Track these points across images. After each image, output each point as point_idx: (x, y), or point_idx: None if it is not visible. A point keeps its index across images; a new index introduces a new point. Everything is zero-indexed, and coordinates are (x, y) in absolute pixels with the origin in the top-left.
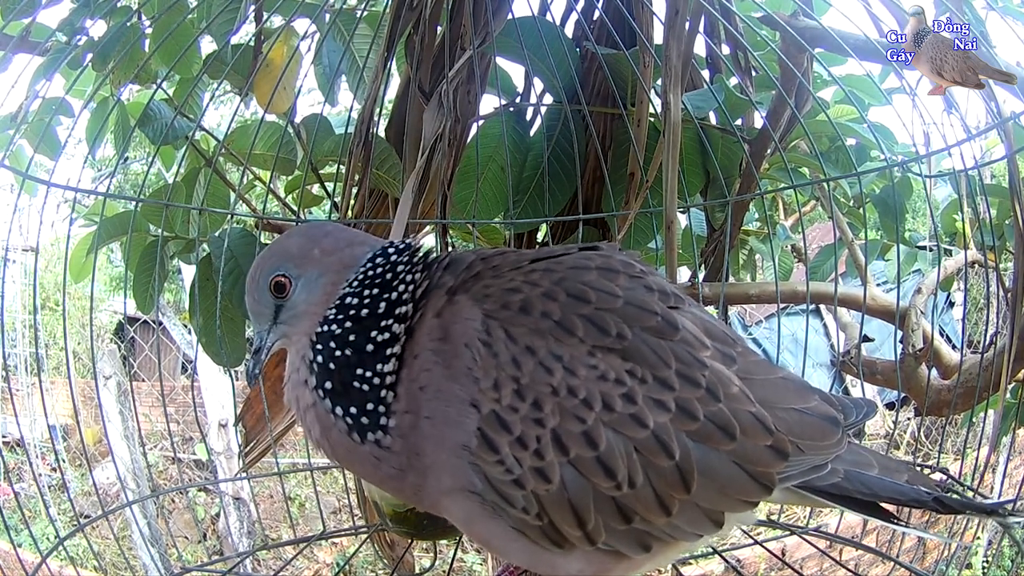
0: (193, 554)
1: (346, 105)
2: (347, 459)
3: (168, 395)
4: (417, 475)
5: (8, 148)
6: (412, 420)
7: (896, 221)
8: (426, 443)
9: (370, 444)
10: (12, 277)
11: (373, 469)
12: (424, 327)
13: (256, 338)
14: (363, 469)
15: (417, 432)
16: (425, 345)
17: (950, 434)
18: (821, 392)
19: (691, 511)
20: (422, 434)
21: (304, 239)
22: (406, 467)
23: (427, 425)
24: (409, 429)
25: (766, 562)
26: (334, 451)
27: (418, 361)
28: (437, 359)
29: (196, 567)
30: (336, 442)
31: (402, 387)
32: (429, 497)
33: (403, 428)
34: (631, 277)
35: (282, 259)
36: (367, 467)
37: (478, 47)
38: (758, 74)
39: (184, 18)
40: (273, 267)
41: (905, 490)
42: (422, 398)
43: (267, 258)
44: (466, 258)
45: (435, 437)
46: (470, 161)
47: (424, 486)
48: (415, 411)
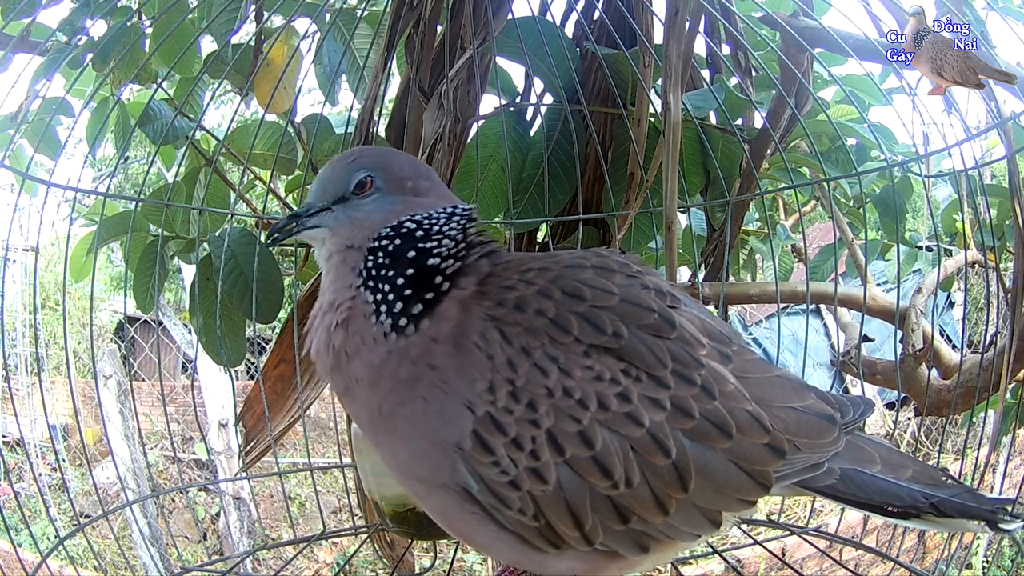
0: (193, 554)
1: (346, 105)
2: (354, 346)
3: (168, 395)
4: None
5: (8, 148)
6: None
7: (896, 221)
8: (409, 415)
9: (398, 336)
10: (12, 277)
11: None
12: (453, 307)
13: (305, 208)
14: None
15: (410, 394)
16: (448, 329)
17: (950, 434)
18: (817, 390)
19: (688, 510)
20: (412, 408)
21: (410, 166)
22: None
23: (420, 405)
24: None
25: (766, 562)
26: (346, 338)
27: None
28: (453, 351)
29: (196, 567)
30: (355, 329)
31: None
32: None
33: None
34: (627, 276)
35: (382, 166)
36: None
37: (478, 47)
38: (758, 74)
39: (184, 18)
40: (371, 165)
41: (901, 494)
42: (427, 374)
43: (372, 155)
44: (503, 255)
45: (422, 422)
46: (470, 161)
47: (386, 442)
48: (418, 375)
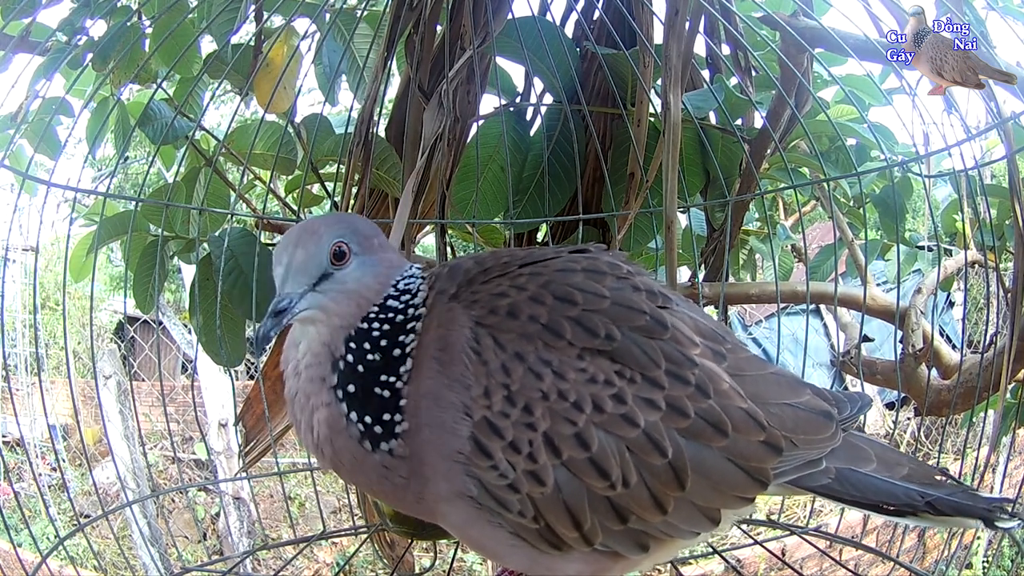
0: (193, 554)
1: (346, 105)
2: (351, 468)
3: (168, 395)
4: (419, 482)
5: (8, 148)
6: (416, 426)
7: (896, 221)
8: (427, 450)
9: (382, 454)
10: (12, 277)
11: (379, 479)
12: (429, 336)
13: (283, 298)
14: (366, 479)
15: (419, 439)
16: (430, 353)
17: (950, 434)
18: (813, 387)
19: (687, 509)
20: (423, 441)
21: (367, 225)
22: (411, 475)
23: (427, 432)
24: (414, 436)
25: (766, 562)
26: (337, 457)
27: (422, 370)
28: (438, 368)
29: (196, 567)
30: (342, 448)
31: (410, 396)
32: (428, 504)
33: (410, 436)
34: (618, 278)
35: (350, 229)
36: (372, 477)
37: (478, 47)
38: (758, 74)
39: (184, 18)
40: (341, 232)
41: (897, 493)
42: (423, 405)
43: (336, 221)
44: (463, 264)
45: (434, 443)
46: (470, 161)
47: (424, 493)
48: (418, 418)
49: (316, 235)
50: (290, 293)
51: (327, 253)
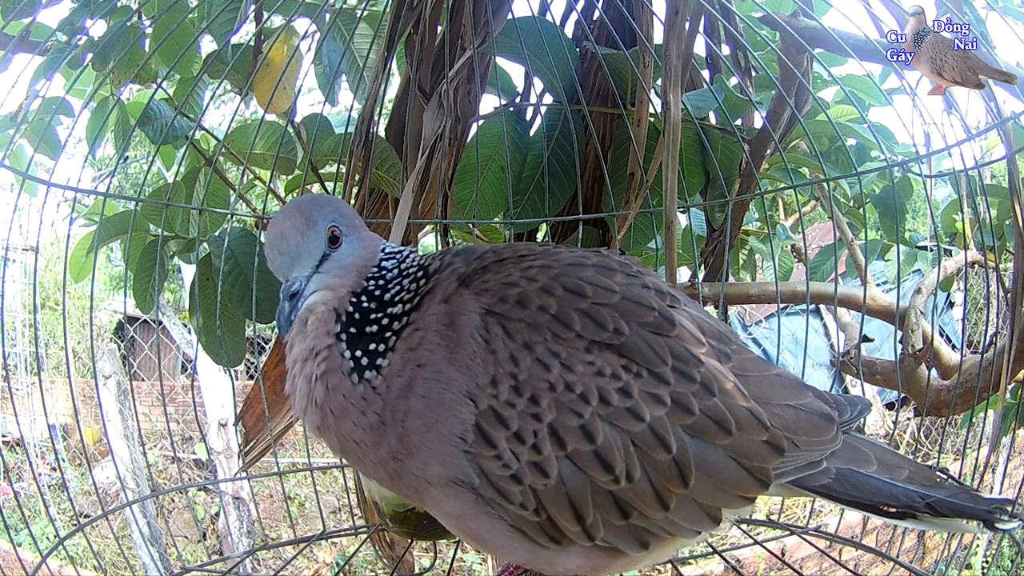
0: (193, 554)
1: (346, 105)
2: (339, 412)
3: (168, 395)
4: (399, 443)
5: (8, 148)
6: (404, 387)
7: (896, 221)
8: (416, 421)
9: (364, 384)
10: (12, 277)
11: (358, 417)
12: (432, 306)
13: (293, 282)
14: (348, 427)
15: (407, 403)
16: (431, 325)
17: (950, 434)
18: (815, 389)
19: (689, 506)
20: (413, 410)
21: (348, 208)
22: (389, 424)
23: (420, 403)
24: (400, 394)
25: (766, 562)
26: (328, 396)
27: (421, 337)
28: (441, 343)
29: (196, 567)
30: (334, 385)
31: (399, 352)
32: (410, 478)
33: (392, 384)
34: (628, 275)
35: (337, 213)
36: (352, 419)
37: (478, 47)
38: (758, 74)
39: (184, 18)
40: (332, 218)
41: (897, 494)
42: (419, 375)
43: (323, 205)
44: (480, 249)
45: (427, 418)
46: (470, 161)
47: (406, 464)
48: (409, 382)
49: (311, 221)
50: (298, 276)
51: (324, 237)
